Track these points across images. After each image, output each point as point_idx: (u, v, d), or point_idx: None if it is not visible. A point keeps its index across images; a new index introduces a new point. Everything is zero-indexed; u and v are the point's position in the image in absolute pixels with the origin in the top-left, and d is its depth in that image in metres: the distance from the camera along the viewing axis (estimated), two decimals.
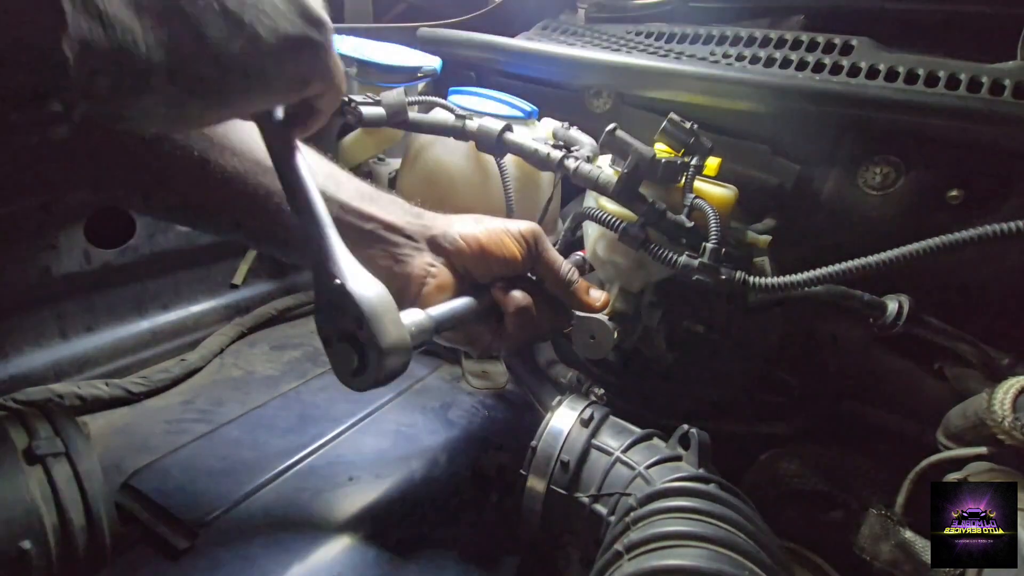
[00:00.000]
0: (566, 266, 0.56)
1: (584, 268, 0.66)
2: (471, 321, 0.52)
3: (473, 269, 0.52)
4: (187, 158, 0.44)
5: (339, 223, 0.46)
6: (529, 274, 0.56)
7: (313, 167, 0.48)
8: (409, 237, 0.52)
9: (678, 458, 0.49)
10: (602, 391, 0.63)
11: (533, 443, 0.51)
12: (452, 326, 0.48)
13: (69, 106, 0.24)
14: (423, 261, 0.51)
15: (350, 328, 0.37)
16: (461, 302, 0.50)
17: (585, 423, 0.52)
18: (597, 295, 0.58)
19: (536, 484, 0.50)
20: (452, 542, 0.56)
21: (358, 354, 0.37)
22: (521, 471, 0.51)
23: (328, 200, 0.46)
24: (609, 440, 0.51)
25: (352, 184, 0.52)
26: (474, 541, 0.57)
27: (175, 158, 0.44)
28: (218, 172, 0.45)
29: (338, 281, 0.37)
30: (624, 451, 0.50)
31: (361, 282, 0.37)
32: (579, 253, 0.68)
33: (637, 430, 0.53)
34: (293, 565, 0.49)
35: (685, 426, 0.51)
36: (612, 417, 0.55)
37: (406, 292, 0.51)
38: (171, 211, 0.52)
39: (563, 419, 0.53)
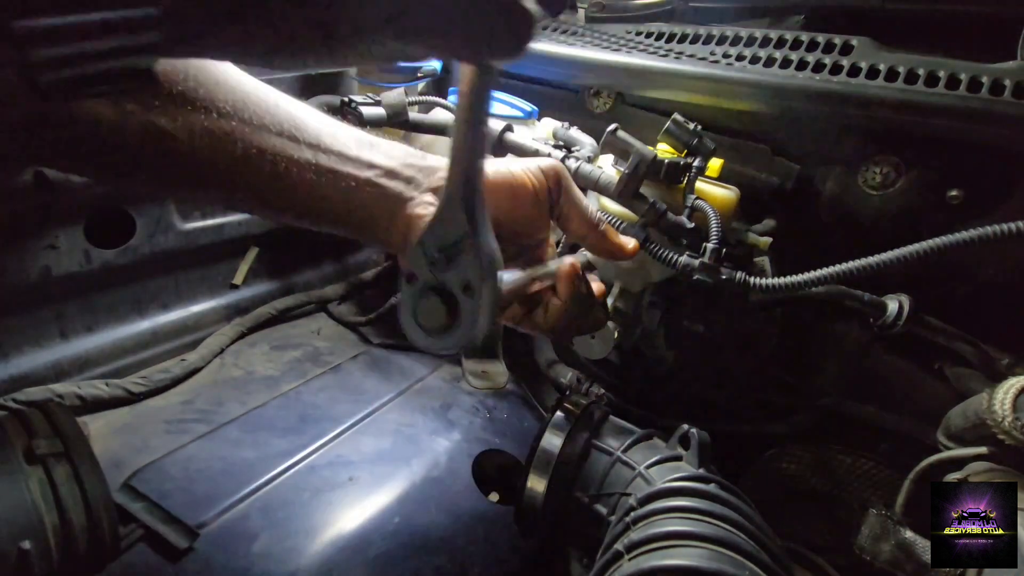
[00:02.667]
0: (592, 206, 0.50)
1: (588, 266, 0.63)
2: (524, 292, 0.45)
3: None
4: (169, 129, 0.40)
5: (336, 174, 0.43)
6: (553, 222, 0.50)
7: (308, 119, 0.43)
8: (408, 181, 0.47)
9: (678, 458, 0.49)
10: (602, 391, 0.63)
11: (533, 443, 0.51)
12: (516, 299, 0.43)
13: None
14: (423, 201, 0.46)
15: (453, 281, 0.33)
16: (523, 273, 0.43)
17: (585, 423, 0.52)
18: (627, 239, 0.51)
19: (536, 484, 0.50)
20: (452, 542, 0.56)
21: (449, 312, 0.33)
22: (521, 471, 0.51)
23: (326, 151, 0.44)
24: (609, 440, 0.51)
25: (351, 133, 0.48)
26: (474, 541, 0.58)
27: (157, 130, 0.40)
28: (205, 137, 0.41)
29: (471, 230, 0.33)
30: (624, 451, 0.50)
31: (491, 239, 0.33)
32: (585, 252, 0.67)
33: (637, 430, 0.53)
34: (293, 565, 0.49)
35: (685, 426, 0.51)
36: (612, 417, 0.55)
37: (410, 236, 0.45)
38: (163, 186, 0.47)
39: (563, 419, 0.52)
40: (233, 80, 0.43)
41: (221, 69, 0.43)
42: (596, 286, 0.50)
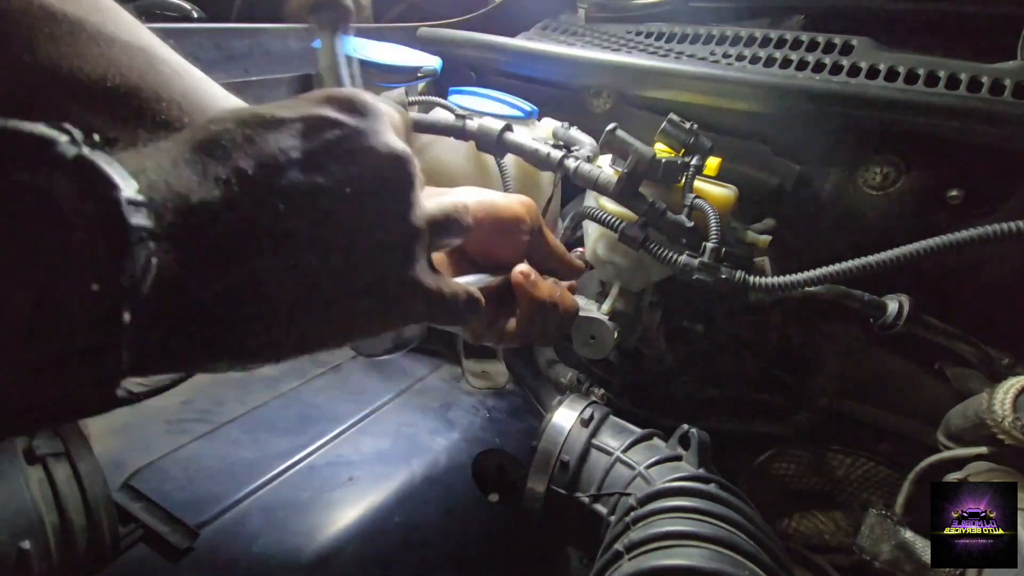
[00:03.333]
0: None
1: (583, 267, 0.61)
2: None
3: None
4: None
5: None
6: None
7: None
8: None
9: (678, 458, 0.49)
10: (602, 391, 0.63)
11: (533, 443, 0.51)
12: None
13: None
14: None
15: None
16: (477, 278, 0.45)
17: (585, 423, 0.52)
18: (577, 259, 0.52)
19: (536, 484, 0.50)
20: (452, 542, 0.56)
21: None
22: (521, 471, 0.51)
23: None
24: (609, 440, 0.51)
25: None
26: (474, 541, 0.58)
27: None
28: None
29: None
30: (624, 451, 0.50)
31: None
32: (579, 249, 0.67)
33: (637, 430, 0.53)
34: (293, 565, 0.49)
35: (685, 426, 0.51)
36: (612, 417, 0.55)
37: None
38: None
39: (563, 419, 0.53)
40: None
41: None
42: (557, 288, 0.48)
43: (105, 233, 0.17)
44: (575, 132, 0.75)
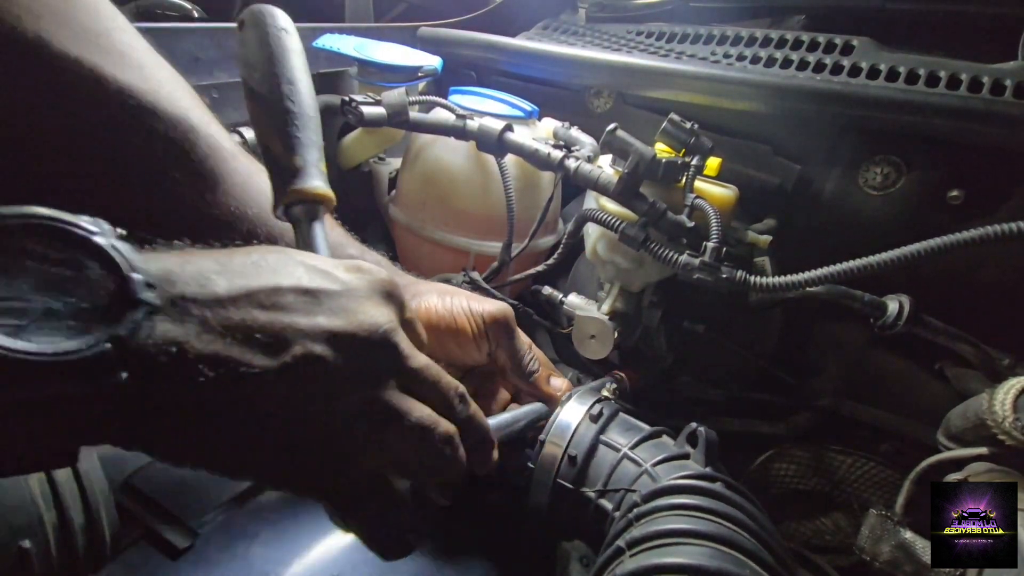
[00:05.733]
0: (529, 355, 0.52)
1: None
2: None
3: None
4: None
5: None
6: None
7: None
8: None
9: (685, 456, 0.49)
10: (615, 386, 0.62)
11: (541, 436, 0.51)
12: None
13: None
14: None
15: None
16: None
17: (594, 419, 0.52)
18: (558, 384, 0.54)
19: (543, 477, 0.50)
20: (452, 542, 0.56)
21: None
22: (528, 463, 0.51)
23: None
24: (617, 436, 0.51)
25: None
26: (474, 541, 0.57)
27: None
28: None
29: None
30: (632, 448, 0.50)
31: None
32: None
33: (646, 427, 0.53)
34: (293, 565, 0.49)
35: (693, 424, 0.51)
36: (621, 414, 0.55)
37: None
38: None
39: (572, 414, 0.52)
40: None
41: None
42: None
43: (118, 296, 0.23)
44: (575, 132, 0.75)
